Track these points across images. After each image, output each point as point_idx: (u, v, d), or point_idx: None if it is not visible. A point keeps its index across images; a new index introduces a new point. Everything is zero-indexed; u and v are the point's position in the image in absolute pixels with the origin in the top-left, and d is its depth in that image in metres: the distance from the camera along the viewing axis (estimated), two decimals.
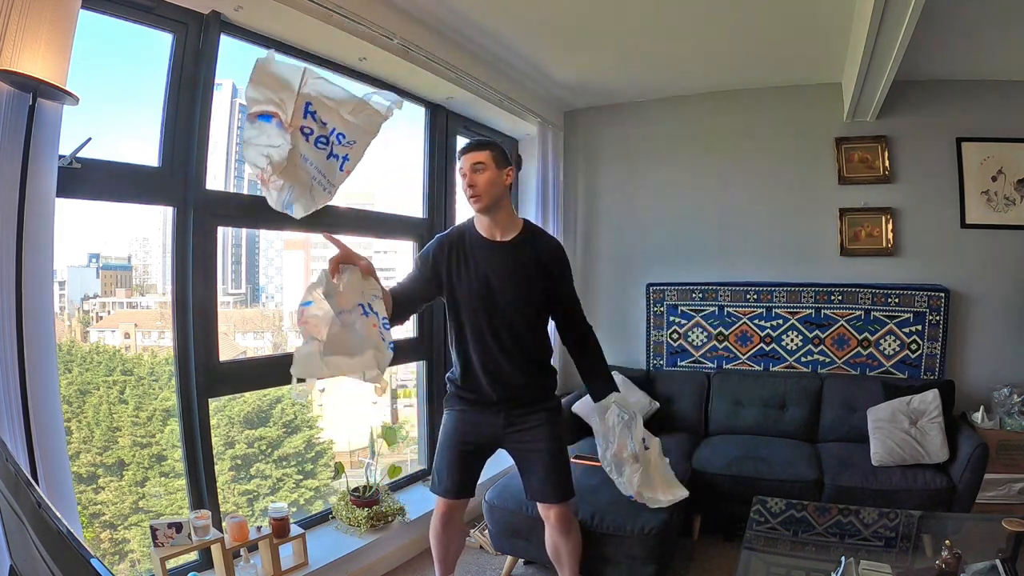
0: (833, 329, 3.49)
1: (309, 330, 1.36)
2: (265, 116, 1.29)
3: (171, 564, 1.97)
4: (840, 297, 3.47)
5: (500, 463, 2.06)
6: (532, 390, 1.95)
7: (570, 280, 2.01)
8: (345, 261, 1.50)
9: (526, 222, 1.96)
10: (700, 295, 3.76)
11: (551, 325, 2.05)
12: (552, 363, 2.04)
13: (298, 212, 1.44)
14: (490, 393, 1.91)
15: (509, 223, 1.91)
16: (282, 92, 1.28)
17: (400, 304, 1.80)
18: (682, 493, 1.96)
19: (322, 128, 1.31)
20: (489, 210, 1.86)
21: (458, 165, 1.87)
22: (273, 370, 2.41)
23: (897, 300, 3.37)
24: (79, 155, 1.74)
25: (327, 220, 2.80)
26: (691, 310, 3.79)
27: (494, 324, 1.87)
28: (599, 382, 2.01)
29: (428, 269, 1.90)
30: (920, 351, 3.33)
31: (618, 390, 2.01)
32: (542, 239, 1.97)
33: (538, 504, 2.01)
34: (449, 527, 2.05)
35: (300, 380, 1.37)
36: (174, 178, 2.08)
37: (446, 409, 2.03)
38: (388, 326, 1.50)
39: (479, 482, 2.07)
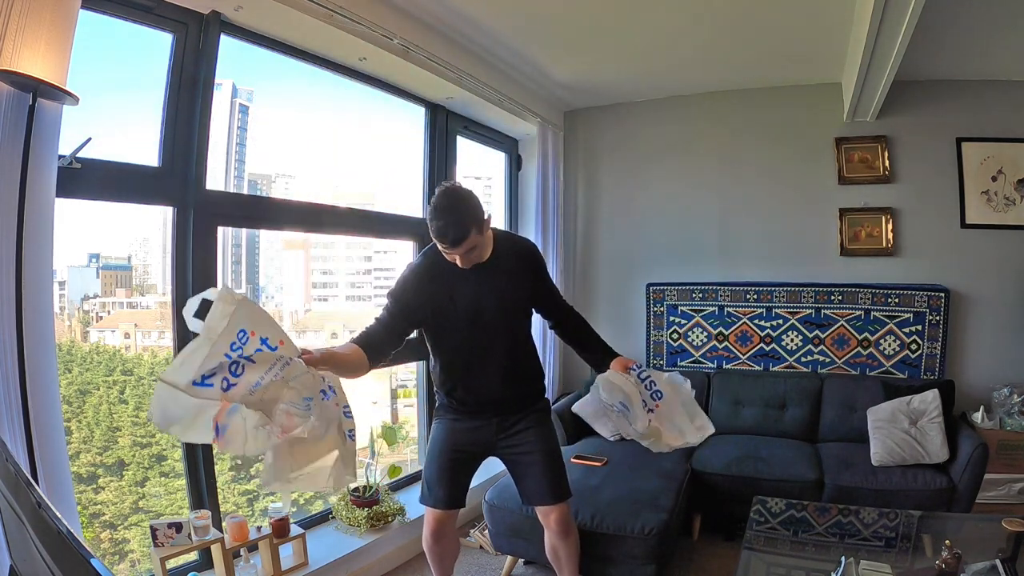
0: (833, 329, 3.48)
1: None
2: (217, 428, 1.15)
3: (171, 564, 1.97)
4: (840, 297, 3.47)
5: (498, 464, 2.04)
6: (525, 397, 1.95)
7: (547, 273, 2.00)
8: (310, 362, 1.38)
9: (494, 232, 1.89)
10: (700, 295, 3.76)
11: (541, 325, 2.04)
12: (541, 365, 2.04)
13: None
14: (484, 405, 1.90)
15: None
16: (181, 405, 1.15)
17: (375, 348, 1.71)
18: (709, 429, 1.86)
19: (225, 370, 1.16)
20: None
21: (440, 247, 1.73)
22: None
23: (897, 300, 3.37)
24: (79, 155, 1.73)
25: (328, 220, 2.81)
26: (691, 310, 3.79)
27: (493, 345, 1.84)
28: (598, 355, 1.98)
29: (410, 303, 1.79)
30: (920, 351, 3.33)
31: (616, 354, 1.95)
32: (515, 246, 1.93)
33: (536, 508, 1.99)
34: (442, 540, 1.99)
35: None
36: (174, 178, 2.08)
37: (436, 419, 2.00)
38: (350, 414, 1.39)
39: (473, 487, 2.03)
